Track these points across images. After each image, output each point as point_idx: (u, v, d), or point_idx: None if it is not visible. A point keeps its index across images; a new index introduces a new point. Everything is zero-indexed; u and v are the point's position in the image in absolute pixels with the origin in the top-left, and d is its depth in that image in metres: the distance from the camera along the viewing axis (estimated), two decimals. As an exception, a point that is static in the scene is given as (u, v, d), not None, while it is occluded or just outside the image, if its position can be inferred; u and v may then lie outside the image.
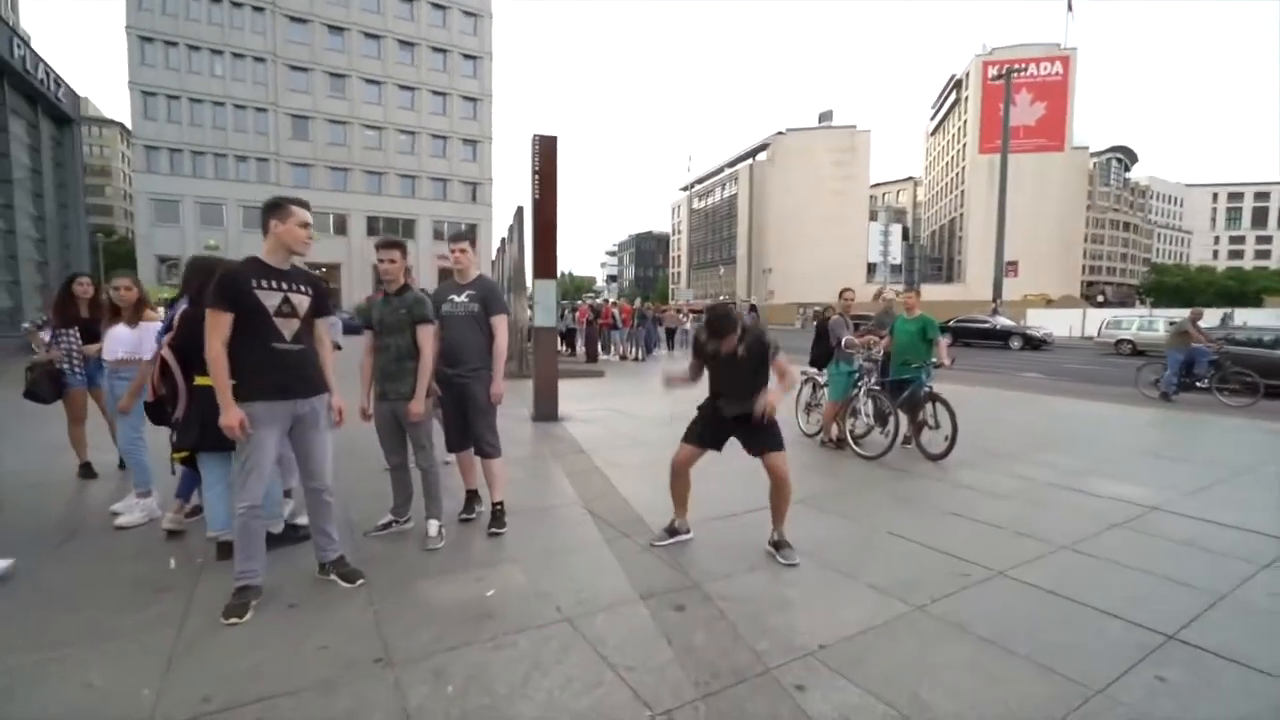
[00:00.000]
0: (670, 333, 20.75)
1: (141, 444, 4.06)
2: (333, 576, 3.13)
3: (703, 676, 2.33)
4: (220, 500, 3.45)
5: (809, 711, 2.12)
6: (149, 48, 40.59)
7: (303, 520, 3.87)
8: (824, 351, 6.51)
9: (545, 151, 7.61)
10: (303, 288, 2.96)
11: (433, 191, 49.15)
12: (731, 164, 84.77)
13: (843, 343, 6.25)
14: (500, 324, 3.92)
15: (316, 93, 45.04)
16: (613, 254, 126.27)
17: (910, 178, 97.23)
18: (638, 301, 21.93)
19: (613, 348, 18.82)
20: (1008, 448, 6.47)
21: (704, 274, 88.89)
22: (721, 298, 76.22)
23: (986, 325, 23.90)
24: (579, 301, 23.80)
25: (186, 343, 3.23)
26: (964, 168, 72.69)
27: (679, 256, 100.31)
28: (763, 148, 77.34)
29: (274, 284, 2.84)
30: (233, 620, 2.71)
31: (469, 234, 4.03)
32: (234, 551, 2.88)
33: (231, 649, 2.52)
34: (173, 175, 41.52)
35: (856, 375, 6.33)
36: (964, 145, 72.94)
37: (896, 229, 24.71)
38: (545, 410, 7.96)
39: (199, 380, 3.23)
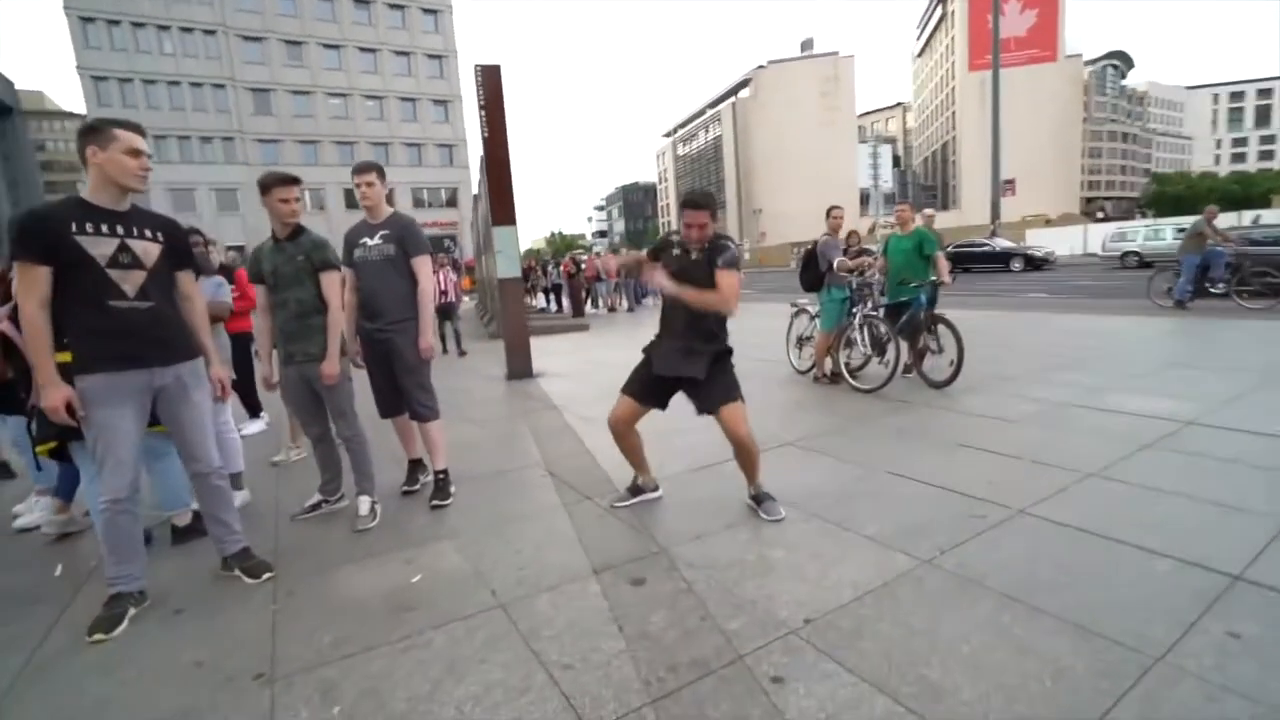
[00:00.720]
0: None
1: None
2: (236, 572, 2.65)
3: (656, 672, 1.85)
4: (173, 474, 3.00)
5: (786, 713, 1.65)
6: (91, 29, 38.42)
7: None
8: (814, 278, 5.90)
9: (489, 82, 6.84)
10: (149, 233, 2.38)
11: (408, 157, 47.42)
12: (714, 104, 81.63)
13: (834, 266, 5.65)
14: (423, 266, 3.34)
15: (273, 63, 42.92)
16: (601, 208, 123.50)
17: (899, 104, 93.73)
18: (622, 252, 21.07)
19: (600, 300, 18.19)
20: (1018, 370, 5.95)
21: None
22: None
23: (986, 248, 23.04)
24: (563, 258, 23.03)
25: None
26: (954, 88, 69.98)
27: (667, 205, 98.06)
28: (744, 84, 74.31)
29: (104, 229, 2.26)
30: (97, 637, 2.24)
31: (375, 164, 3.35)
32: (105, 555, 2.40)
33: (86, 674, 2.06)
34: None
35: (850, 302, 5.76)
36: (952, 64, 69.91)
37: (886, 149, 23.59)
38: (518, 367, 7.44)
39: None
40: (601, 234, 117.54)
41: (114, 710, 1.87)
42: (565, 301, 17.63)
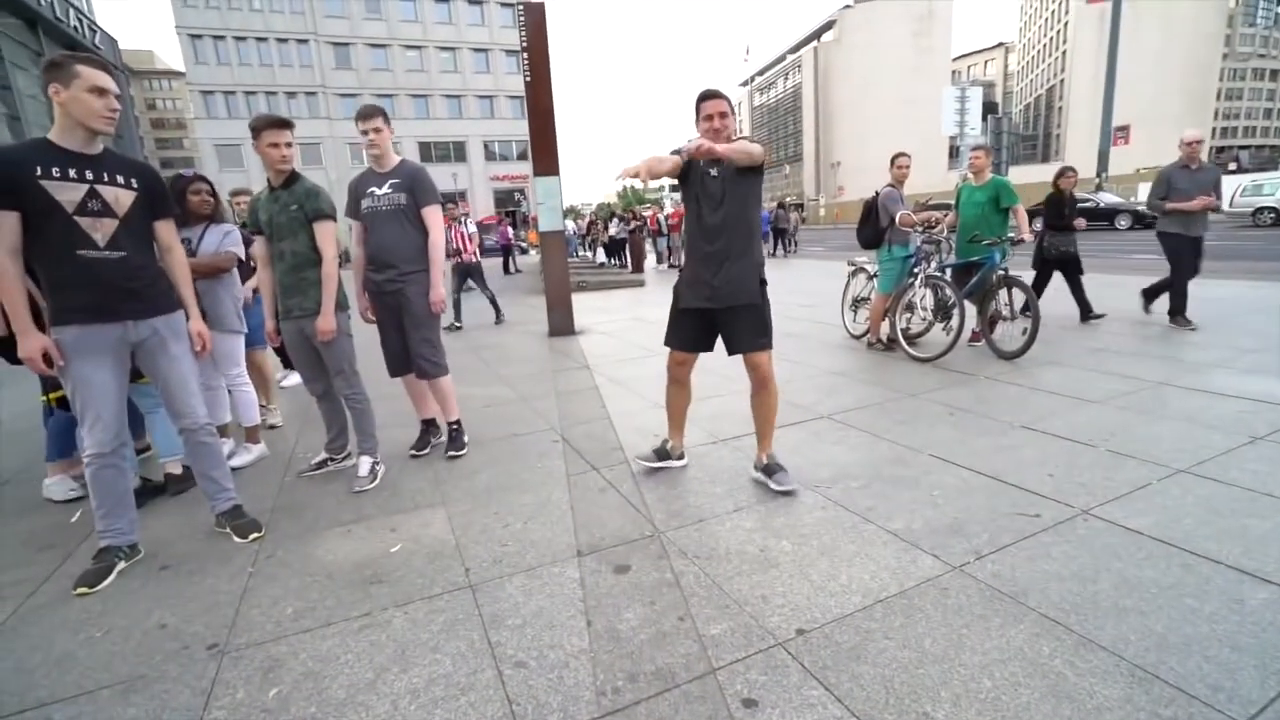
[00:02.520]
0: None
1: None
2: (227, 529, 2.62)
3: (614, 680, 1.63)
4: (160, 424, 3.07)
5: (746, 752, 1.39)
6: (187, -13, 40.16)
7: (238, 461, 3.45)
8: (874, 233, 5.34)
9: (534, 22, 6.47)
10: (122, 179, 2.27)
11: (480, 110, 47.60)
12: (794, 49, 76.98)
13: (896, 220, 5.06)
14: (434, 216, 3.20)
15: (354, 16, 43.61)
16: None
17: (1001, 44, 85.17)
18: (678, 205, 20.35)
19: (662, 257, 17.76)
20: (1107, 341, 5.23)
21: (771, 174, 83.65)
22: (786, 198, 72.04)
23: (1088, 204, 20.80)
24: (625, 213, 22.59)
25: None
26: (1066, 23, 62.77)
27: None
28: (828, 26, 69.50)
29: (71, 173, 2.15)
30: (81, 590, 2.25)
31: (380, 108, 3.16)
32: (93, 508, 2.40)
33: (58, 630, 2.05)
34: (230, 119, 41.96)
35: (913, 260, 5.18)
36: (1069, -5, 62.56)
37: (976, 93, 21.10)
38: (559, 324, 7.28)
39: None
40: (675, 188, 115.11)
41: (70, 670, 1.84)
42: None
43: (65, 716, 1.65)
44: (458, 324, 8.37)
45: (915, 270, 5.08)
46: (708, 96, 2.64)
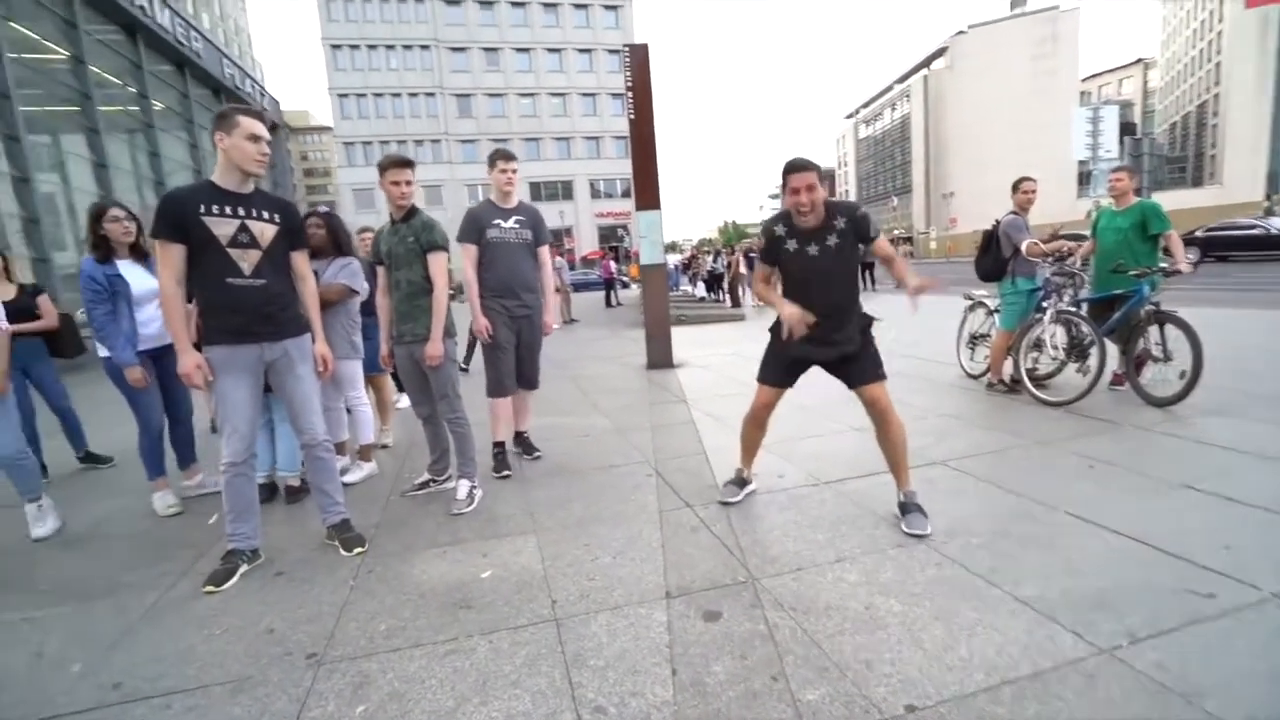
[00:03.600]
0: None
1: None
2: (335, 542, 2.77)
3: (699, 740, 1.51)
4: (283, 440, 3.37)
5: None
6: (339, 54, 45.58)
7: (351, 478, 3.67)
8: (995, 265, 4.93)
9: (638, 61, 6.69)
10: (267, 214, 2.52)
11: (587, 150, 49.98)
12: (902, 79, 74.74)
13: (1022, 249, 4.65)
14: (548, 255, 3.67)
15: (475, 70, 47.57)
16: (774, 196, 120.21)
17: (1139, 60, 78.07)
18: None
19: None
20: (1290, 388, 4.46)
21: (874, 207, 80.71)
22: (895, 232, 69.12)
23: (1254, 231, 18.22)
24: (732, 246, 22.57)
25: None
26: (1220, 32, 56.53)
27: (846, 191, 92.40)
28: (939, 54, 67.02)
29: (227, 210, 2.42)
30: (209, 589, 2.44)
31: (510, 153, 3.65)
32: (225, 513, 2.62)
33: (187, 624, 2.23)
34: (366, 165, 46.71)
35: (1041, 294, 4.72)
36: (1220, 2, 56.46)
37: (1111, 112, 19.14)
38: (658, 357, 7.28)
39: None
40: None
41: (191, 663, 1.97)
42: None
43: (183, 706, 1.77)
44: (464, 366, 7.63)
45: (1044, 305, 4.61)
46: (795, 169, 2.54)
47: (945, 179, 62.10)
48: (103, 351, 3.24)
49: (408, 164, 3.06)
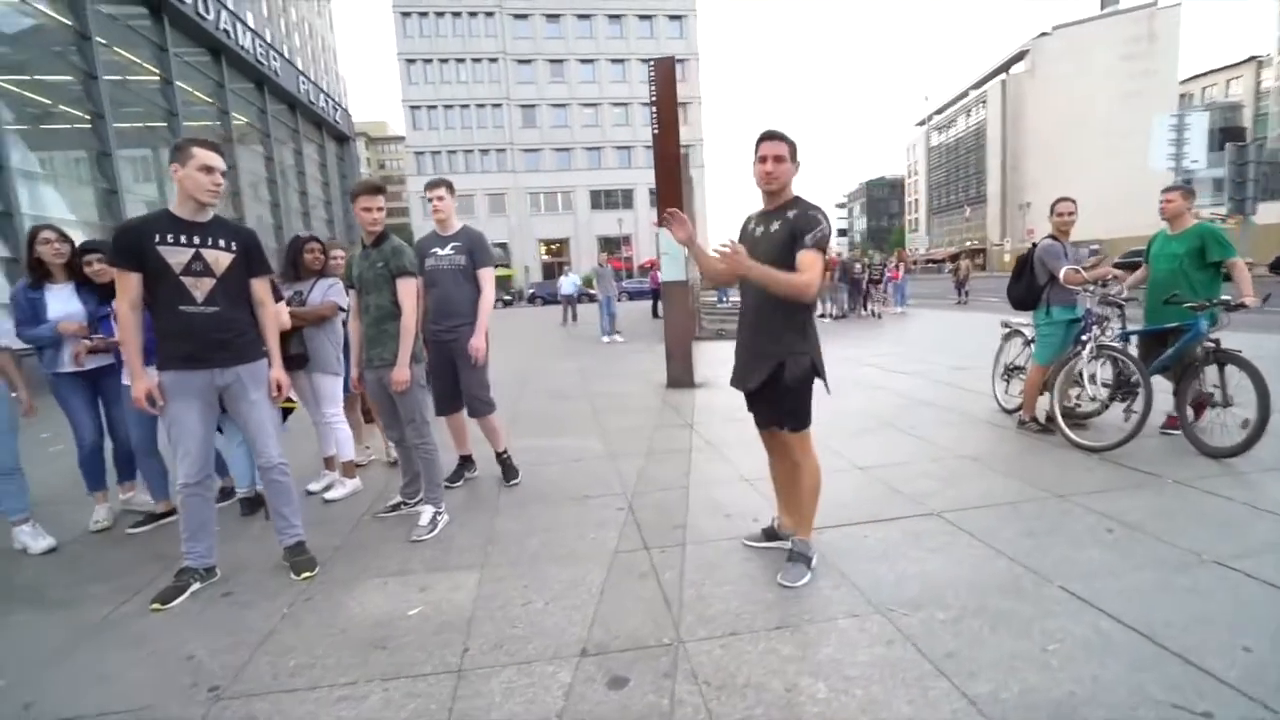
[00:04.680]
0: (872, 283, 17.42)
1: None
2: (288, 564, 2.77)
3: (545, 840, 1.37)
4: (241, 458, 3.43)
5: None
6: (413, 68, 47.73)
7: (333, 494, 3.70)
8: (1028, 292, 4.51)
9: (662, 76, 6.58)
10: (223, 243, 2.56)
11: (647, 160, 50.10)
12: (978, 84, 71.35)
13: (1060, 276, 4.23)
14: (487, 277, 3.56)
15: (540, 81, 48.79)
16: (841, 205, 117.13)
17: (1252, 58, 71.40)
18: (838, 253, 19.24)
19: (821, 305, 16.88)
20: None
21: (946, 218, 77.25)
22: (967, 244, 65.98)
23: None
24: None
25: None
26: (1355, 29, 50.89)
27: (916, 201, 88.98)
28: (1019, 57, 63.58)
29: (183, 239, 2.47)
30: (155, 606, 2.48)
31: (445, 179, 3.59)
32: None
33: (122, 643, 2.27)
34: (434, 175, 48.63)
35: (1081, 325, 4.28)
36: (1354, -4, 50.77)
37: (1200, 118, 17.36)
38: (677, 375, 7.12)
39: None
40: (842, 233, 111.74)
41: (105, 689, 1.99)
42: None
43: (69, 743, 1.77)
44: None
45: (1083, 337, 4.18)
46: (766, 137, 2.43)
47: (1022, 189, 58.72)
48: (49, 369, 3.29)
49: (379, 190, 3.07)
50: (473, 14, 47.53)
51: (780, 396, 2.45)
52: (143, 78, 13.39)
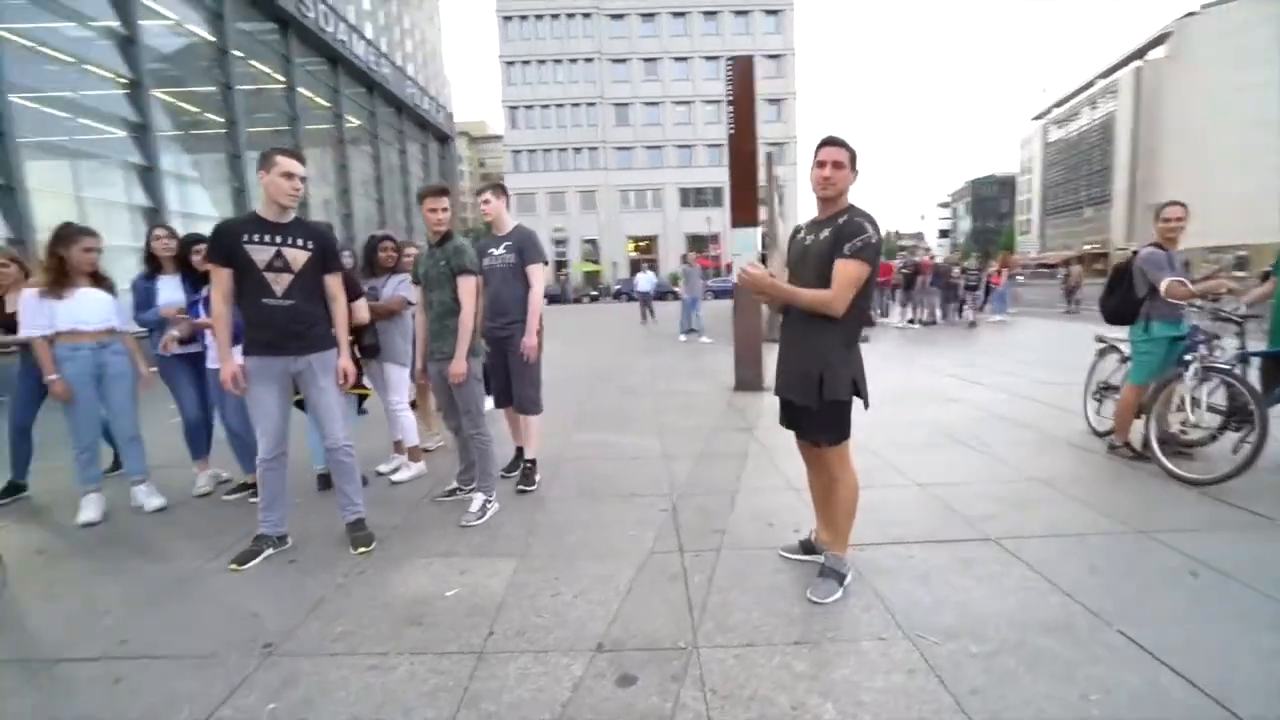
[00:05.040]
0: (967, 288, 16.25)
1: None
2: (348, 539, 3.02)
3: (528, 822, 1.43)
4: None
5: None
6: (513, 70, 49.62)
7: (399, 477, 3.97)
8: (1124, 305, 4.10)
9: (740, 73, 6.52)
10: (301, 242, 2.82)
11: (737, 157, 49.61)
12: (1107, 73, 64.89)
13: (1161, 289, 3.82)
14: (536, 273, 3.61)
15: (635, 79, 49.32)
16: (945, 205, 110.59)
17: None
18: (931, 255, 18.07)
19: (912, 309, 16.01)
20: None
21: (1063, 219, 71.05)
22: (1085, 247, 60.50)
23: None
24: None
25: None
26: None
27: (1028, 200, 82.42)
28: (1159, 41, 57.21)
29: (266, 238, 2.74)
30: (233, 567, 2.78)
31: (493, 183, 3.67)
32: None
33: (205, 596, 2.57)
34: (529, 172, 50.39)
35: (1187, 343, 3.86)
36: None
37: None
38: (745, 379, 7.04)
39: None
40: (944, 234, 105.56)
41: (185, 634, 2.26)
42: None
43: (155, 670, 2.05)
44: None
45: (1187, 357, 3.76)
46: (828, 142, 2.38)
47: (1155, 186, 52.84)
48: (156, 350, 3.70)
49: (443, 192, 3.25)
50: (570, 15, 48.75)
51: (818, 410, 2.39)
52: (270, 86, 14.77)
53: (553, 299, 42.10)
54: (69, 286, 3.28)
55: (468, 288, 3.25)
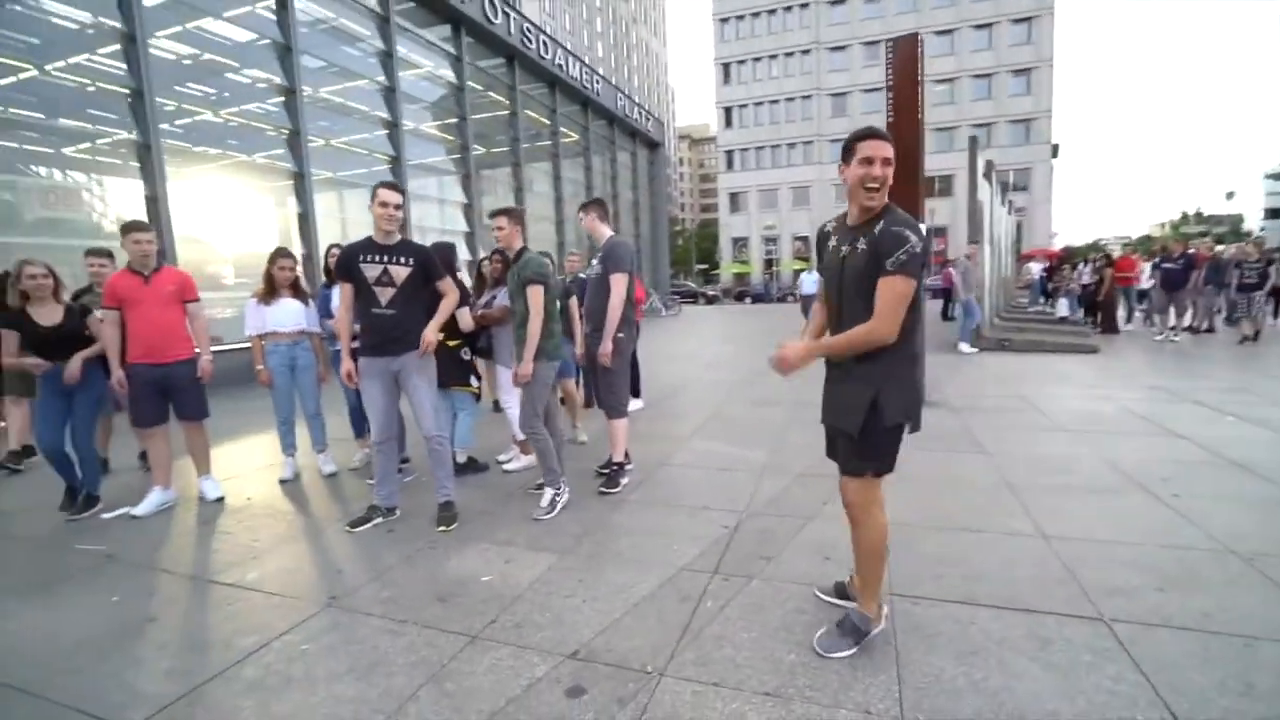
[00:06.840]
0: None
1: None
2: (436, 517, 3.47)
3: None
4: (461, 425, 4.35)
5: None
6: (729, 71, 50.07)
7: (510, 466, 4.42)
8: None
9: (903, 54, 5.84)
10: (404, 259, 3.31)
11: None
12: None
13: None
14: (616, 282, 3.77)
15: (854, 67, 46.38)
16: (1275, 177, 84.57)
17: None
18: (1209, 244, 13.69)
19: (1175, 315, 12.70)
20: None
21: None
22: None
23: None
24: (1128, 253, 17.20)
25: None
26: None
27: None
28: None
29: (375, 258, 3.29)
30: (347, 528, 3.39)
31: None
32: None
33: (321, 549, 3.20)
34: (741, 171, 50.47)
35: None
36: None
37: None
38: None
39: (448, 343, 4.01)
40: (1275, 213, 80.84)
41: (292, 577, 2.86)
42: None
43: (257, 599, 2.63)
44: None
45: None
46: (870, 135, 2.05)
47: None
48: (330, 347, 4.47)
49: (502, 214, 3.59)
50: (787, 8, 47.62)
51: (860, 434, 2.11)
52: (498, 113, 17.02)
53: (756, 298, 41.65)
54: (275, 296, 4.25)
55: (536, 295, 3.47)
